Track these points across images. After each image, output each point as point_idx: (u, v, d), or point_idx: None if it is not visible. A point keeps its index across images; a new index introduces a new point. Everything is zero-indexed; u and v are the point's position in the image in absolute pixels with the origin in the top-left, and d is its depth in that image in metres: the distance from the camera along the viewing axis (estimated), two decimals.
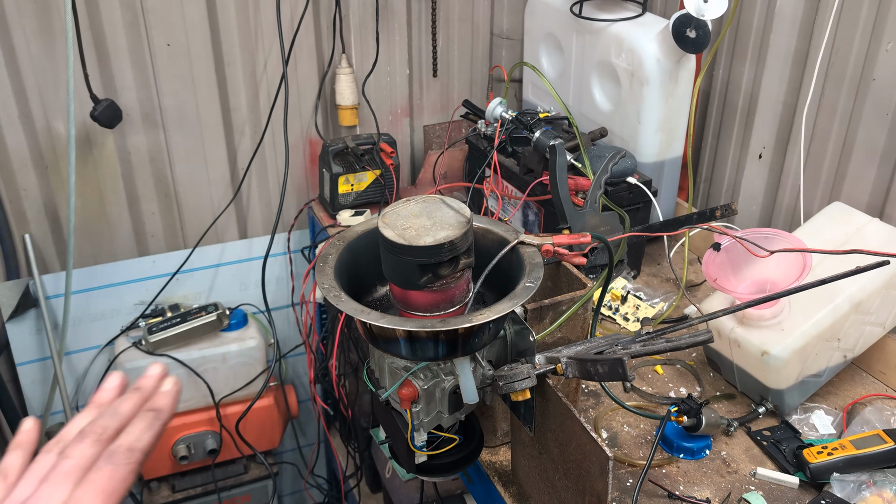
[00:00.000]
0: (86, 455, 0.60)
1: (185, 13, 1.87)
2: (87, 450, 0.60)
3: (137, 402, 0.65)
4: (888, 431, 1.22)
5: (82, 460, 0.59)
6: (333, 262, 1.02)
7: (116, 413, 0.63)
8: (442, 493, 1.95)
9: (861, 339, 1.38)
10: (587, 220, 1.43)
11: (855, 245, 1.16)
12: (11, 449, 0.64)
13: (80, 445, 0.60)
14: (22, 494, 0.59)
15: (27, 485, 0.59)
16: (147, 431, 0.62)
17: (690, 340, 0.98)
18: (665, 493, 1.21)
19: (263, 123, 2.04)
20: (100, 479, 0.58)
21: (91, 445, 0.60)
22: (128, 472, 0.60)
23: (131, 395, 0.65)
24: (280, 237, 2.19)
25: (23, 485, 0.60)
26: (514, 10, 2.22)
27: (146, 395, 0.66)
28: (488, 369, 1.05)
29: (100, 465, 0.59)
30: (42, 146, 1.87)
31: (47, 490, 0.58)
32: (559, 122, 1.79)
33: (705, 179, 2.03)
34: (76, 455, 0.60)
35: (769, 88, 1.76)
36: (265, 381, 2.12)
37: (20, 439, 0.65)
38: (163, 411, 0.65)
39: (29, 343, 2.03)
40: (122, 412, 0.64)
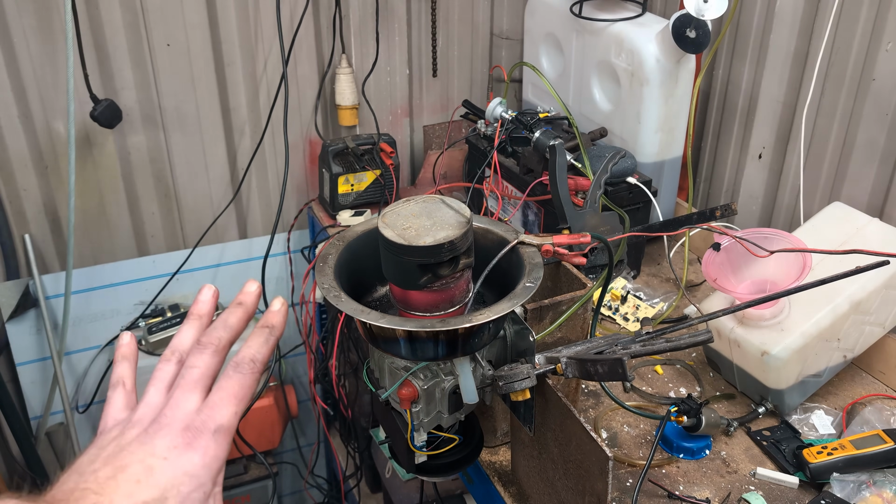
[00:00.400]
0: (209, 364, 0.63)
1: (185, 13, 1.87)
2: (209, 359, 0.64)
3: (244, 316, 0.68)
4: (888, 431, 1.22)
5: (206, 369, 0.63)
6: (333, 263, 1.02)
7: (227, 325, 0.67)
8: (442, 493, 1.95)
9: (861, 339, 1.38)
10: (587, 220, 1.43)
11: (855, 245, 1.16)
12: (119, 361, 0.68)
13: (202, 356, 0.64)
14: (154, 400, 0.62)
15: (156, 392, 0.63)
16: (264, 346, 0.66)
17: (690, 340, 0.98)
18: (665, 493, 1.21)
19: (263, 123, 2.04)
20: (231, 385, 0.62)
21: (212, 356, 0.64)
22: (253, 381, 0.64)
23: (235, 308, 0.69)
24: (280, 237, 2.19)
25: (152, 391, 0.63)
26: (514, 10, 2.22)
27: (249, 309, 0.69)
28: (488, 369, 1.05)
29: (229, 374, 0.63)
30: (42, 146, 1.87)
31: (182, 396, 0.61)
32: (559, 122, 1.79)
33: (705, 179, 2.03)
34: (201, 364, 0.63)
35: (769, 88, 1.76)
36: (265, 381, 2.12)
37: (124, 352, 0.68)
38: (276, 328, 0.68)
39: (29, 343, 2.03)
40: (231, 324, 0.67)
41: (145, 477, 0.55)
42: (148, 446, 0.57)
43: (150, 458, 0.56)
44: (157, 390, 0.63)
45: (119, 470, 0.55)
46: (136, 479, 0.55)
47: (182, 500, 0.56)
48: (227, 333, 0.66)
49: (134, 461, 0.56)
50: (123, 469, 0.55)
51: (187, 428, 0.59)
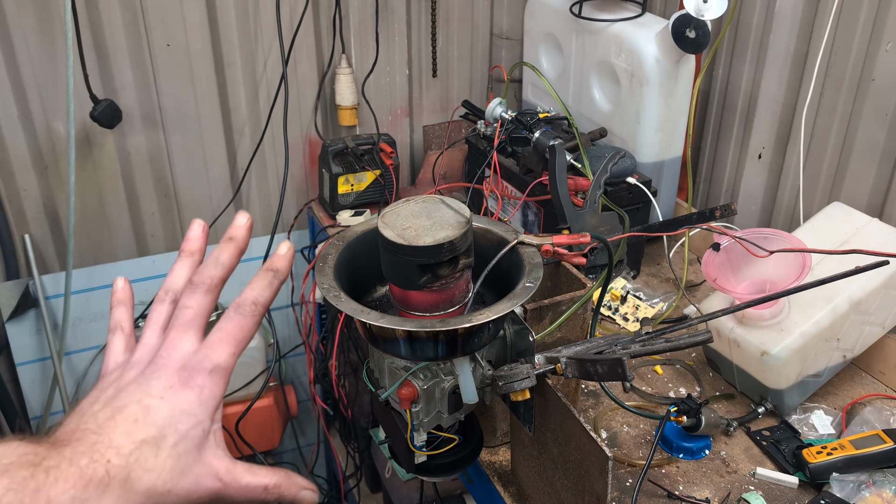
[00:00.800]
0: (202, 303, 0.64)
1: (184, 13, 1.87)
2: (201, 298, 0.64)
3: (235, 252, 0.68)
4: (887, 431, 1.22)
5: (200, 308, 0.64)
6: (333, 263, 1.02)
7: (219, 263, 0.67)
8: (441, 493, 1.95)
9: (860, 339, 1.38)
10: (587, 220, 1.44)
11: (854, 245, 1.16)
12: (115, 306, 0.68)
13: (195, 295, 0.64)
14: (151, 341, 0.63)
15: (151, 333, 0.64)
16: (267, 289, 0.66)
17: (690, 340, 0.98)
18: (665, 493, 1.21)
19: (263, 123, 2.04)
20: (231, 326, 0.63)
21: (204, 294, 0.64)
22: (253, 323, 0.64)
23: (227, 244, 0.68)
24: (280, 237, 2.19)
25: (147, 333, 0.64)
26: (514, 11, 2.22)
27: (241, 244, 0.69)
28: (488, 369, 1.05)
29: (230, 315, 0.63)
30: (42, 146, 1.87)
31: (177, 336, 0.62)
32: (559, 123, 1.80)
33: (705, 179, 2.03)
34: (194, 304, 0.64)
35: (769, 88, 1.76)
36: (265, 381, 2.12)
37: (119, 296, 0.69)
38: (280, 272, 0.68)
39: (29, 343, 2.03)
40: (223, 261, 0.67)
41: (143, 416, 0.57)
42: (145, 387, 0.59)
43: (147, 397, 0.58)
44: (153, 332, 0.64)
45: (117, 411, 0.57)
46: (133, 419, 0.56)
47: (180, 437, 0.58)
48: (220, 271, 0.66)
49: (131, 402, 0.58)
50: (121, 410, 0.57)
51: (183, 368, 0.60)
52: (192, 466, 0.58)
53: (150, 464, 0.56)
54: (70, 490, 0.51)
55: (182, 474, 0.58)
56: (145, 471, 0.55)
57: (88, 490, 0.52)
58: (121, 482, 0.54)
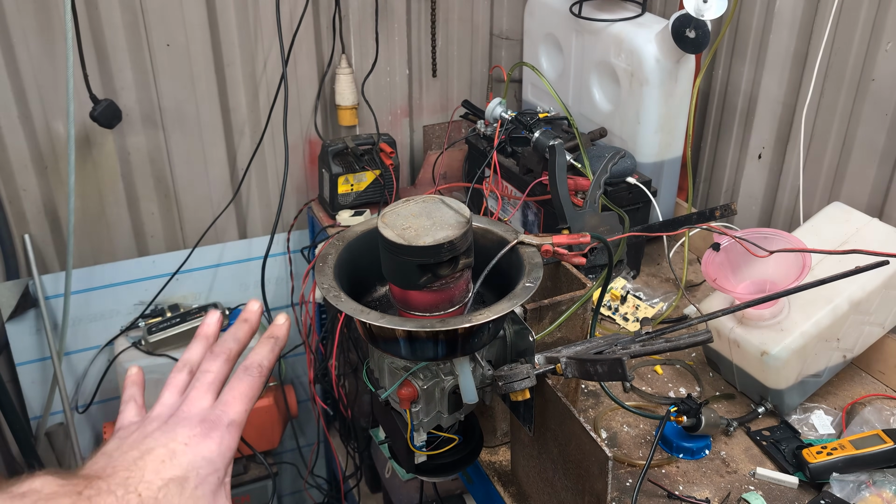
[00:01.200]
0: (221, 369, 0.72)
1: (184, 13, 1.87)
2: (221, 365, 0.72)
3: (249, 331, 0.77)
4: (887, 431, 1.22)
5: (219, 373, 0.71)
6: (333, 263, 1.02)
7: (237, 339, 0.76)
8: (441, 493, 1.95)
9: (860, 339, 1.38)
10: (587, 220, 1.44)
11: (854, 245, 1.16)
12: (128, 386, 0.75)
13: (215, 362, 0.72)
14: (169, 401, 0.69)
15: (170, 394, 0.70)
16: (270, 353, 0.75)
17: (690, 340, 0.98)
18: (664, 493, 1.21)
19: (263, 124, 2.04)
20: (242, 386, 0.70)
21: (224, 363, 0.73)
22: (260, 383, 0.72)
23: (242, 324, 0.77)
24: (280, 237, 2.19)
25: (166, 394, 0.70)
26: (514, 11, 2.22)
27: (253, 324, 0.78)
28: (488, 369, 1.05)
29: (240, 376, 0.71)
30: (42, 146, 1.87)
31: (197, 395, 0.69)
32: (559, 123, 1.80)
33: (705, 179, 2.03)
34: (214, 369, 0.71)
35: (769, 88, 1.76)
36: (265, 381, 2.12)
37: (133, 379, 0.76)
38: (280, 339, 0.77)
39: (29, 343, 2.03)
40: (240, 338, 0.76)
41: (169, 458, 0.62)
42: (170, 434, 0.64)
43: (173, 443, 0.63)
44: (171, 394, 0.70)
45: (146, 452, 0.62)
46: (161, 460, 0.62)
47: (200, 481, 0.63)
48: (236, 345, 0.75)
49: (158, 445, 0.63)
50: (150, 451, 0.62)
51: (204, 420, 0.66)
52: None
53: (175, 501, 0.60)
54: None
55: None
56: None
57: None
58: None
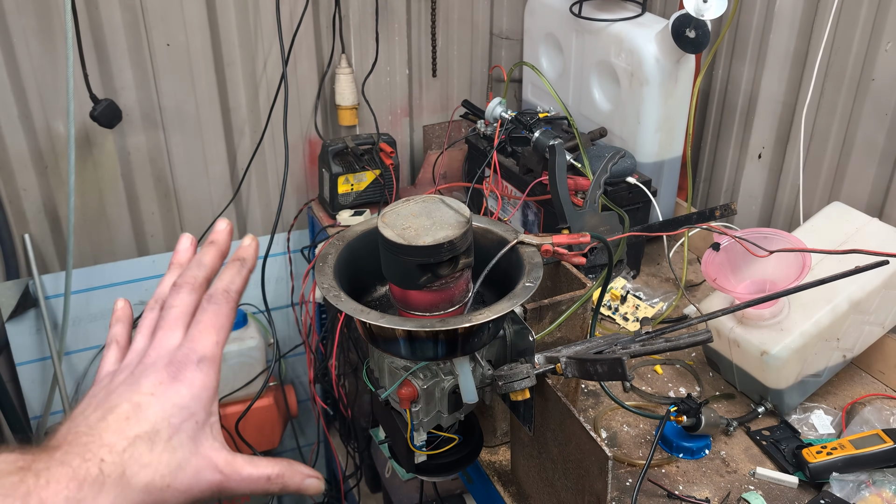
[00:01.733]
0: (186, 302, 0.65)
1: (184, 13, 1.87)
2: (185, 297, 0.65)
3: (216, 254, 0.70)
4: (887, 431, 1.22)
5: (184, 307, 0.65)
6: (333, 262, 1.02)
7: (201, 264, 0.69)
8: (441, 493, 1.95)
9: (860, 339, 1.38)
10: (586, 219, 1.44)
11: (854, 245, 1.16)
12: (113, 323, 0.70)
13: (179, 295, 0.66)
14: (140, 345, 0.64)
15: (141, 338, 0.65)
16: (237, 276, 0.68)
17: (690, 340, 0.98)
18: (664, 493, 1.21)
19: (263, 123, 2.04)
20: (207, 317, 0.64)
21: (188, 294, 0.66)
22: (229, 310, 0.66)
23: (208, 247, 0.70)
24: (280, 237, 2.19)
25: (138, 338, 0.65)
26: (514, 10, 2.22)
27: (222, 247, 0.71)
28: (488, 369, 1.05)
29: (204, 307, 0.65)
30: (42, 146, 1.87)
31: (163, 335, 0.63)
32: (559, 122, 1.80)
33: (705, 179, 2.03)
34: (178, 303, 0.65)
35: (769, 88, 1.76)
36: (265, 380, 2.12)
37: (118, 315, 0.71)
38: (248, 260, 0.70)
39: (29, 343, 2.03)
40: (206, 263, 0.69)
41: (134, 413, 0.57)
42: (135, 386, 0.59)
43: (138, 395, 0.58)
44: (142, 336, 0.65)
45: (108, 411, 0.57)
46: (125, 417, 0.57)
47: (174, 431, 0.58)
48: (202, 271, 0.68)
49: (122, 401, 0.58)
50: (112, 409, 0.57)
51: (170, 363, 0.61)
52: (190, 459, 0.58)
53: (146, 459, 0.55)
54: (63, 491, 0.51)
55: (180, 468, 0.58)
56: (141, 466, 0.55)
57: (83, 490, 0.52)
58: (116, 479, 0.53)
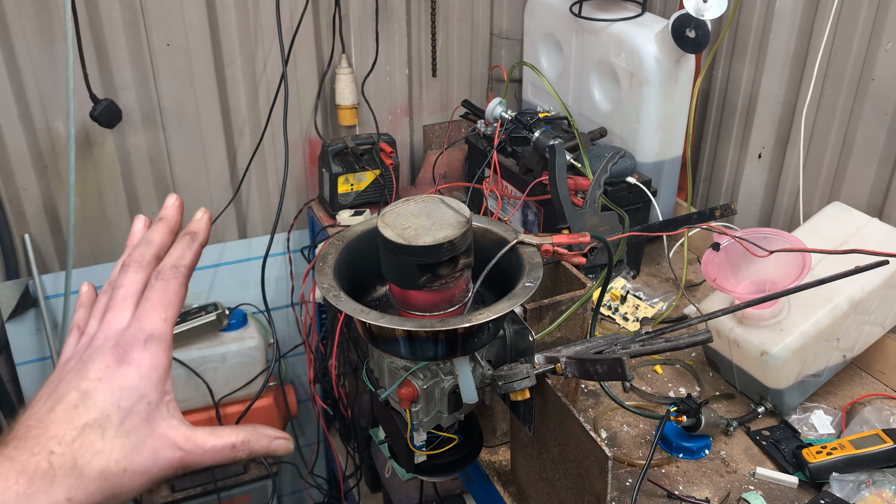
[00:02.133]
0: (134, 280, 0.64)
1: (184, 13, 1.87)
2: (133, 276, 0.64)
3: (165, 230, 0.68)
4: (887, 431, 1.22)
5: (132, 286, 0.63)
6: (333, 262, 1.02)
7: (149, 241, 0.67)
8: (441, 493, 1.95)
9: (860, 339, 1.38)
10: (586, 219, 1.44)
11: (854, 245, 1.16)
12: (77, 309, 0.68)
13: (127, 274, 0.64)
14: (91, 329, 0.63)
15: (94, 321, 0.63)
16: (187, 250, 0.67)
17: (690, 340, 0.98)
18: (664, 493, 1.21)
19: (263, 123, 2.04)
20: (154, 294, 0.63)
21: (136, 272, 0.64)
22: (178, 285, 0.64)
23: (156, 225, 0.69)
24: (279, 237, 2.19)
25: (91, 322, 0.64)
26: (514, 10, 2.22)
27: (171, 223, 0.69)
28: (488, 369, 1.05)
29: (152, 284, 0.64)
30: (42, 146, 1.87)
31: (111, 316, 0.62)
32: (558, 122, 1.80)
33: (705, 179, 2.03)
34: (126, 283, 0.64)
35: (769, 88, 1.76)
36: (265, 380, 2.12)
37: (81, 299, 0.68)
38: (199, 234, 0.69)
39: (28, 343, 2.03)
40: (153, 240, 0.67)
41: (82, 401, 0.56)
42: (82, 373, 0.58)
43: (84, 382, 0.57)
44: (95, 320, 0.64)
45: (57, 402, 0.56)
46: (73, 406, 0.56)
47: (125, 414, 0.57)
48: (151, 248, 0.66)
49: (70, 390, 0.57)
50: (60, 400, 0.56)
51: (117, 345, 0.60)
52: (146, 441, 0.58)
53: (98, 446, 0.55)
54: (13, 487, 0.50)
55: (135, 450, 0.57)
56: (93, 454, 0.54)
57: (34, 484, 0.51)
58: (68, 470, 0.53)
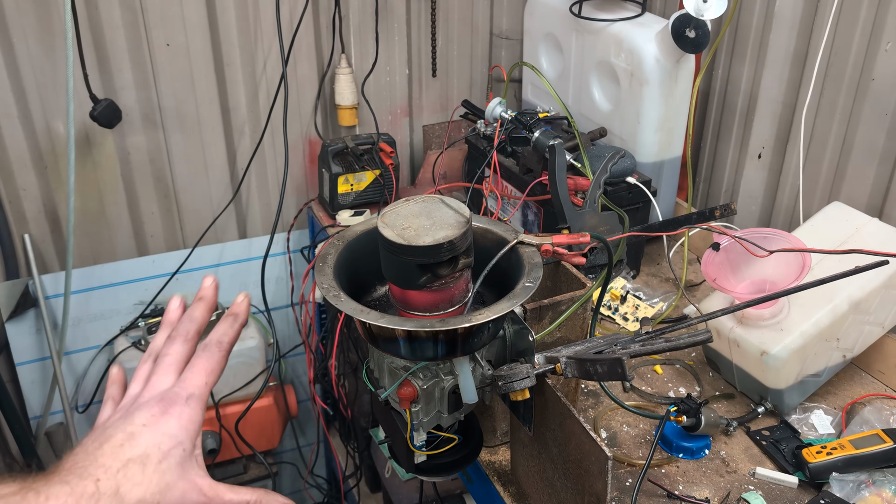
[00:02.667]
0: (178, 351, 0.74)
1: (184, 13, 1.87)
2: (178, 347, 0.74)
3: (204, 308, 0.78)
4: (887, 431, 1.22)
5: (177, 355, 0.73)
6: (333, 262, 1.02)
7: (192, 319, 0.77)
8: (441, 493, 1.95)
9: (860, 339, 1.39)
10: (586, 219, 1.44)
11: (854, 245, 1.16)
12: (108, 385, 0.77)
13: (173, 345, 0.74)
14: (134, 391, 0.72)
15: (137, 385, 0.72)
16: (230, 329, 0.77)
17: (689, 340, 0.98)
18: (664, 493, 1.21)
19: (263, 123, 2.04)
20: (199, 362, 0.73)
21: (181, 344, 0.74)
22: (220, 358, 0.74)
23: (198, 303, 0.79)
24: (279, 237, 2.19)
25: (133, 385, 0.73)
26: (514, 10, 2.22)
27: (210, 303, 0.79)
28: (487, 369, 1.05)
29: (198, 353, 0.74)
30: (41, 146, 1.87)
31: (156, 379, 0.71)
32: (558, 122, 1.80)
33: (704, 179, 2.03)
34: (171, 352, 0.73)
35: (768, 88, 1.76)
36: (265, 380, 2.12)
37: (113, 378, 0.77)
38: (240, 315, 0.79)
39: (28, 343, 2.03)
40: (196, 317, 0.77)
41: (128, 441, 0.64)
42: (129, 419, 0.67)
43: (131, 426, 0.66)
44: (137, 383, 0.73)
45: (104, 441, 0.64)
46: (119, 444, 0.64)
47: (163, 455, 0.65)
48: (193, 325, 0.77)
49: (117, 432, 0.65)
50: (108, 439, 0.64)
51: (162, 399, 0.68)
52: (178, 482, 0.66)
53: (138, 479, 0.62)
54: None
55: (168, 488, 0.65)
56: (133, 485, 0.62)
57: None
58: (111, 496, 0.60)
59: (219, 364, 0.73)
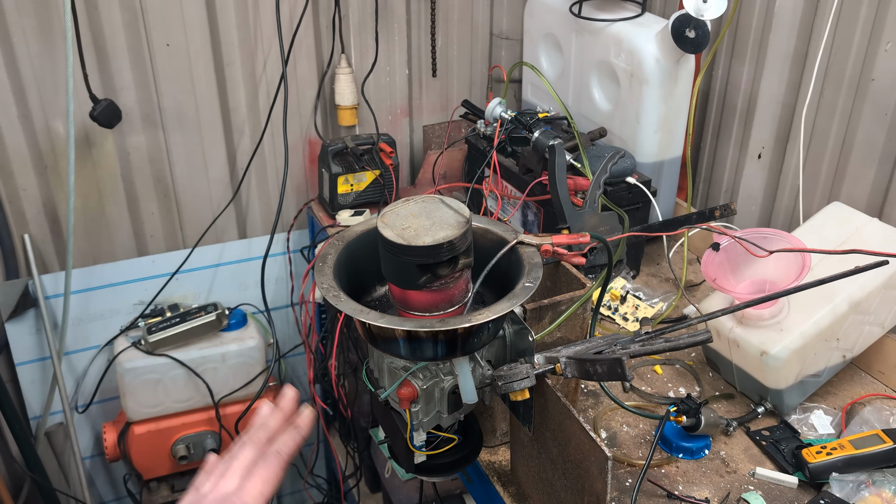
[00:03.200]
0: (247, 456, 0.89)
1: (184, 13, 1.87)
2: (247, 452, 0.89)
3: (280, 418, 0.95)
4: (887, 431, 1.22)
5: (244, 460, 0.88)
6: (332, 262, 1.02)
7: (266, 426, 0.93)
8: (441, 493, 1.95)
9: (860, 339, 1.39)
10: (586, 220, 1.44)
11: (854, 245, 1.16)
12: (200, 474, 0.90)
13: (244, 450, 0.89)
14: (206, 489, 0.86)
15: (209, 483, 0.87)
16: (290, 441, 0.92)
17: (689, 340, 0.98)
18: (664, 493, 1.21)
19: (263, 123, 2.04)
20: (259, 471, 0.87)
21: (251, 450, 0.89)
22: (278, 468, 0.89)
23: (276, 413, 0.95)
24: (279, 237, 2.19)
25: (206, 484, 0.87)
26: (514, 11, 2.22)
27: (287, 413, 0.96)
28: (487, 369, 1.05)
29: (258, 464, 0.88)
30: (41, 146, 1.87)
31: (224, 482, 0.86)
32: (558, 122, 1.80)
33: (704, 179, 2.03)
34: (241, 457, 0.88)
35: (768, 88, 1.76)
36: (264, 381, 2.12)
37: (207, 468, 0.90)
38: (302, 428, 0.94)
39: (28, 343, 2.02)
40: (270, 426, 0.93)
41: None
42: None
43: None
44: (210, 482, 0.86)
45: None
46: None
47: None
48: (265, 433, 0.92)
49: None
50: None
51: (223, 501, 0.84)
52: None
53: None
54: None
55: None
56: None
57: None
58: None
59: (276, 474, 0.87)
